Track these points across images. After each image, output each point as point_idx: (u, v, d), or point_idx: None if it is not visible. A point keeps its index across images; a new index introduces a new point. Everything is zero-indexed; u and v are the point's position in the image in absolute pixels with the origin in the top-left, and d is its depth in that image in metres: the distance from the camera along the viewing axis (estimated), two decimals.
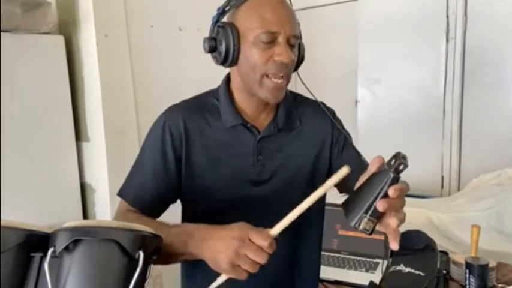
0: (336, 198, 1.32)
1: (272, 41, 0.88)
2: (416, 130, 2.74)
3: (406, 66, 2.74)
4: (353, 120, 2.91)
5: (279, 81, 0.91)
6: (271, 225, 0.77)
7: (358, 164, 0.99)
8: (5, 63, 1.73)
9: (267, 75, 0.90)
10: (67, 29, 2.00)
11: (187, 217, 1.03)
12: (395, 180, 0.68)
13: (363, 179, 0.73)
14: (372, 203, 0.69)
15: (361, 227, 0.69)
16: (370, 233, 0.70)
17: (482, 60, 2.51)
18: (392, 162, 0.67)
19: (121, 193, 1.00)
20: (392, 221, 0.69)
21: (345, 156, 1.04)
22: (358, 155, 1.03)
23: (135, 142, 2.05)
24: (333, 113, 1.09)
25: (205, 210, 0.99)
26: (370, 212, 0.69)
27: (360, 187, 0.72)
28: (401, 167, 0.67)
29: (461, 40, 2.53)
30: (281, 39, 0.88)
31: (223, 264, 0.74)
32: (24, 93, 1.82)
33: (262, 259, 0.73)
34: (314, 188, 0.75)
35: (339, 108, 1.12)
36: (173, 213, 1.04)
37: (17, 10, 1.74)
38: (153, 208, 0.98)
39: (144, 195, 0.97)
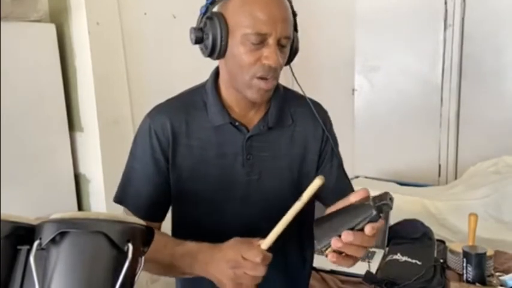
0: None
1: (261, 42, 0.84)
2: (413, 118, 2.72)
3: (403, 53, 2.71)
4: (350, 109, 2.89)
5: (267, 83, 0.88)
6: (261, 225, 0.78)
7: (340, 176, 1.02)
8: None
9: (255, 77, 0.87)
10: (58, 17, 1.96)
11: (176, 218, 1.02)
12: (375, 219, 0.68)
13: (341, 204, 0.73)
14: None
15: (327, 251, 0.71)
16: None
17: (480, 47, 2.49)
18: (378, 201, 0.67)
19: (120, 200, 0.98)
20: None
21: (327, 166, 1.02)
22: (340, 165, 1.03)
23: (129, 131, 2.02)
24: (325, 113, 1.06)
25: (194, 212, 0.97)
26: None
27: (337, 212, 0.72)
28: (385, 208, 0.67)
29: (459, 27, 2.50)
30: (271, 40, 0.84)
31: (229, 285, 0.78)
32: (16, 83, 1.79)
33: (260, 272, 0.76)
34: (301, 191, 0.75)
35: (336, 96, 1.11)
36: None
37: None
38: (154, 213, 0.97)
39: (143, 202, 0.95)
